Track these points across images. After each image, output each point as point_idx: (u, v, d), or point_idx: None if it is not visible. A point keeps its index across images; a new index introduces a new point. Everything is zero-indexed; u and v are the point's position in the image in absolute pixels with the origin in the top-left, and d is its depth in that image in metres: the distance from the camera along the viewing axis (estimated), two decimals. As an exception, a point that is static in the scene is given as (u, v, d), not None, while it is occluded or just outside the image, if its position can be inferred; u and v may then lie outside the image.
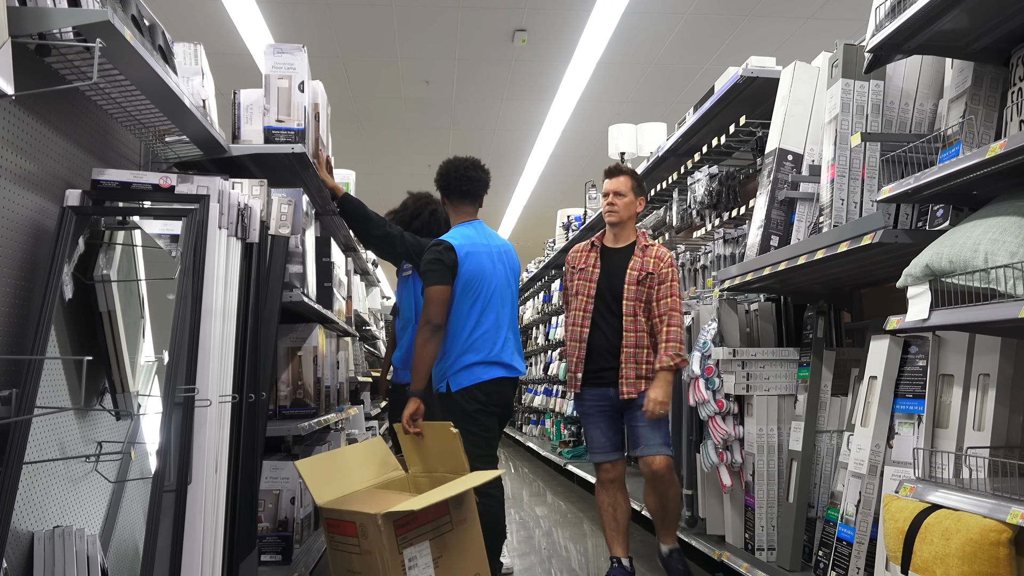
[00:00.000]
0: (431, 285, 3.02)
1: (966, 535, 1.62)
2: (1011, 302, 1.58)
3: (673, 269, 3.22)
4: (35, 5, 1.82)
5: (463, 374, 3.03)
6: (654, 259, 3.24)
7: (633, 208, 3.32)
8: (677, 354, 3.10)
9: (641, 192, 3.35)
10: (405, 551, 2.49)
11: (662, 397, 3.06)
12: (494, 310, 3.11)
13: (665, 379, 3.10)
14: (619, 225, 3.32)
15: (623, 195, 3.29)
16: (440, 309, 3.00)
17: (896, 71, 2.40)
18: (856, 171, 2.30)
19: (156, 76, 2.15)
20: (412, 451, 3.03)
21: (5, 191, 1.92)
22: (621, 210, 3.29)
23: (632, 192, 3.31)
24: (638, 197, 3.34)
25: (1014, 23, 1.98)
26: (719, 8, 6.31)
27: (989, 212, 1.80)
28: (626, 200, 3.29)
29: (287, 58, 3.00)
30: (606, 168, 3.37)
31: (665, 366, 3.09)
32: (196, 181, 2.36)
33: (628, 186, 3.30)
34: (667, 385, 3.10)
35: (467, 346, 3.04)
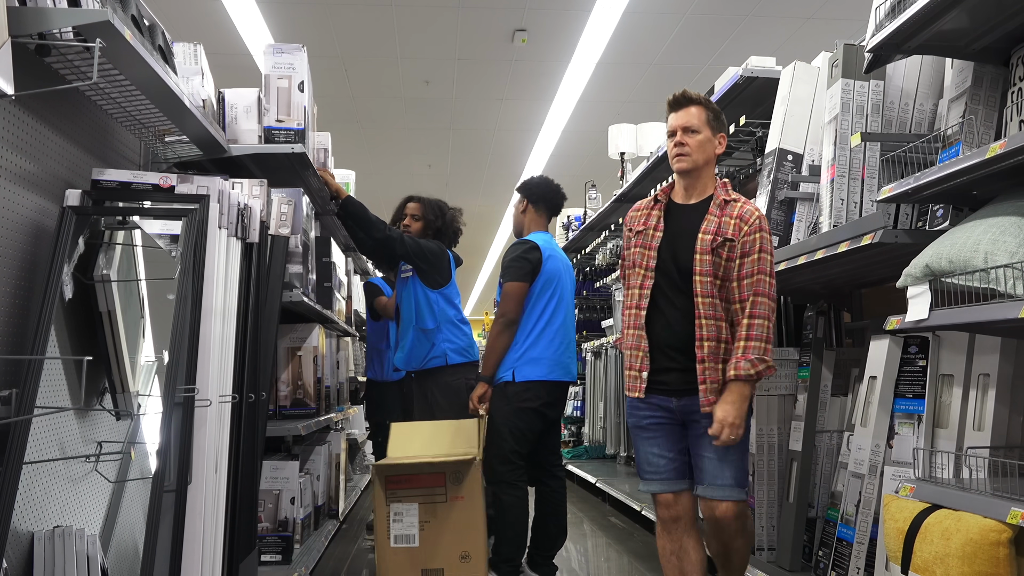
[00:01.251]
0: (511, 281, 3.18)
1: (966, 535, 1.62)
2: (1010, 302, 1.58)
3: (763, 235, 2.31)
4: (35, 5, 1.82)
5: (529, 368, 3.16)
6: (735, 220, 2.33)
7: (711, 149, 2.42)
8: (760, 358, 2.22)
9: (720, 127, 2.45)
10: (392, 504, 2.84)
11: (734, 417, 2.19)
12: (562, 313, 3.28)
13: (740, 393, 2.22)
14: (691, 173, 2.41)
15: (696, 131, 2.39)
16: (516, 305, 3.18)
17: (896, 71, 2.40)
18: (856, 171, 2.30)
19: (156, 76, 2.16)
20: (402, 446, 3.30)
21: (5, 191, 1.93)
22: (694, 151, 2.38)
23: (708, 127, 2.41)
24: (717, 134, 2.43)
25: (1014, 23, 1.98)
26: (719, 8, 6.31)
27: (989, 212, 1.80)
28: (700, 138, 2.39)
29: (287, 58, 3.01)
30: (670, 99, 2.47)
31: (742, 375, 2.21)
32: (196, 181, 2.36)
33: (702, 119, 2.40)
34: (742, 402, 2.22)
35: (537, 342, 3.18)
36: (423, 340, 3.61)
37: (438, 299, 3.64)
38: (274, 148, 2.94)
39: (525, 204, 3.44)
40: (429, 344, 3.58)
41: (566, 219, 7.51)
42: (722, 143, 2.44)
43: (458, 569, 2.91)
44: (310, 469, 3.55)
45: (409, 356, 3.63)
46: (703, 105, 2.42)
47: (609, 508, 5.29)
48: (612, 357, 5.79)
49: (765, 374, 2.25)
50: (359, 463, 6.00)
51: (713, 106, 2.45)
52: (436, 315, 3.60)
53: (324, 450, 3.80)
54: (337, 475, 4.16)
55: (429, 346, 3.58)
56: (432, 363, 3.59)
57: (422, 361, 3.61)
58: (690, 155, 2.38)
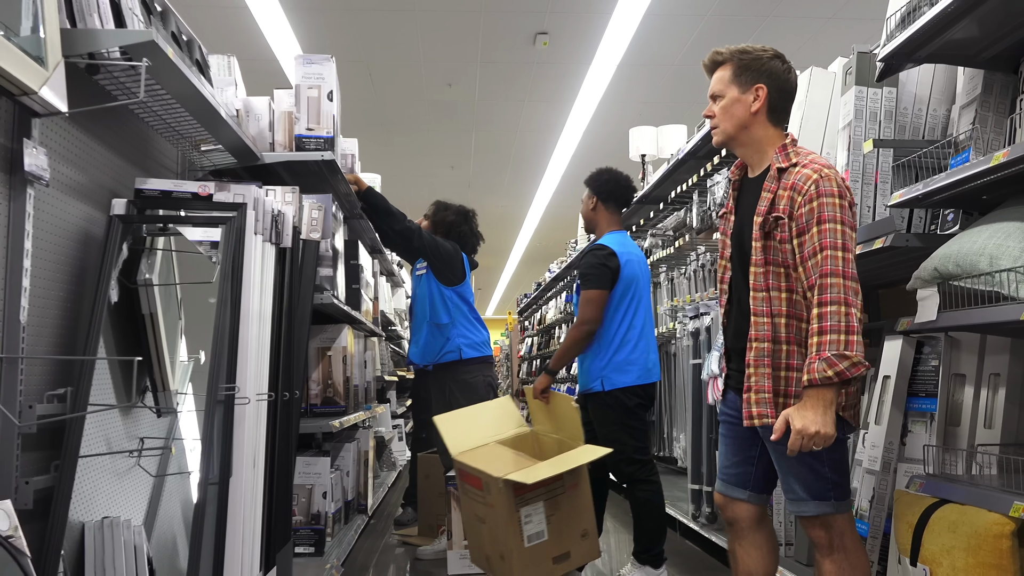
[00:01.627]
0: (592, 288, 3.22)
1: (971, 528, 1.69)
2: (1013, 304, 1.64)
3: (826, 202, 1.89)
4: (84, 27, 1.94)
5: (621, 374, 3.23)
6: (788, 192, 1.95)
7: (742, 110, 2.06)
8: (841, 354, 1.80)
9: (755, 78, 2.05)
10: (522, 509, 2.86)
11: (809, 424, 1.82)
12: (643, 315, 3.32)
13: (818, 399, 1.83)
14: (732, 144, 2.13)
15: (720, 96, 2.10)
16: (599, 312, 3.22)
17: (910, 77, 2.46)
18: (869, 176, 2.36)
19: (195, 90, 2.27)
20: (539, 413, 3.37)
21: (58, 201, 2.05)
22: (720, 120, 2.10)
23: (734, 85, 2.07)
24: (750, 88, 2.05)
25: (1022, 33, 2.04)
26: (739, 9, 6.34)
27: (995, 217, 1.86)
28: (724, 103, 2.09)
29: (316, 68, 3.11)
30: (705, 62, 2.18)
31: (816, 379, 1.82)
32: (233, 189, 2.47)
33: (726, 79, 2.09)
34: (824, 407, 1.82)
35: (621, 348, 3.24)
36: (437, 335, 3.75)
37: (452, 295, 3.77)
38: (305, 156, 3.05)
39: (595, 202, 3.43)
40: (444, 339, 3.72)
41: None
42: (760, 95, 2.03)
43: (580, 547, 3.04)
44: (340, 465, 3.66)
45: (424, 350, 3.77)
46: (728, 61, 2.10)
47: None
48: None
49: (851, 373, 1.80)
50: (386, 460, 6.12)
51: (743, 57, 2.07)
52: (450, 311, 3.73)
53: (353, 447, 3.91)
54: (365, 471, 4.27)
55: (444, 340, 3.72)
56: (447, 357, 3.74)
57: (437, 355, 3.75)
58: (717, 126, 2.12)
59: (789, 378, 1.96)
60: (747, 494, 2.17)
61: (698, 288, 4.43)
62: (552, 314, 10.50)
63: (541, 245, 15.86)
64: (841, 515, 1.95)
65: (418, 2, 6.14)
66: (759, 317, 2.01)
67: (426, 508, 4.32)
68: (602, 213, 3.43)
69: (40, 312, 1.95)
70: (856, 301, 1.86)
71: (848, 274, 1.87)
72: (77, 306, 2.16)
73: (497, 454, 3.07)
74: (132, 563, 2.20)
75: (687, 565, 3.62)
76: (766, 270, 2.00)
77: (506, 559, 2.91)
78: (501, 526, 2.89)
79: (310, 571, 2.90)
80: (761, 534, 2.19)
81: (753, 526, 2.18)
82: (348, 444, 3.85)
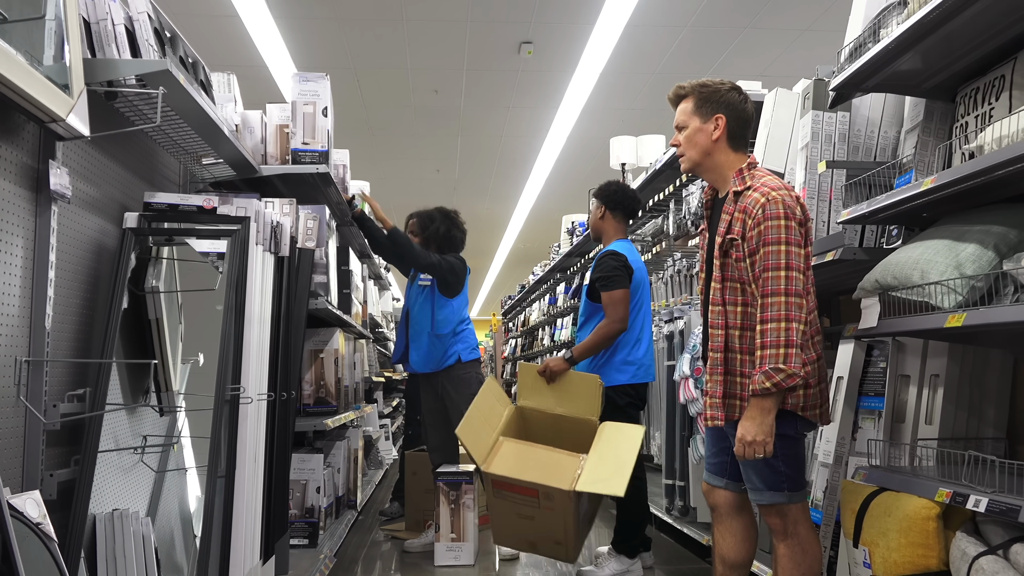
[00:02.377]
0: (617, 289, 3.39)
1: (903, 512, 1.89)
2: (940, 313, 1.85)
3: (771, 225, 2.04)
4: (103, 56, 2.11)
5: (618, 372, 3.43)
6: (742, 214, 2.12)
7: (703, 139, 2.24)
8: (776, 368, 1.97)
9: (714, 109, 2.23)
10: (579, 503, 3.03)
11: (753, 435, 2.01)
12: (643, 316, 3.52)
13: (758, 409, 2.02)
14: (698, 170, 2.31)
15: (683, 127, 2.28)
16: (626, 311, 3.39)
17: (863, 102, 2.66)
18: (824, 193, 2.56)
19: (203, 112, 2.44)
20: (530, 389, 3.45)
21: (75, 215, 2.21)
22: (685, 149, 2.28)
23: (696, 116, 2.25)
24: (710, 117, 2.23)
25: (960, 65, 2.25)
26: (718, 21, 6.54)
27: (928, 235, 2.07)
28: (687, 133, 2.27)
29: (312, 86, 3.28)
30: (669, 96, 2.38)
31: (757, 390, 2.00)
32: (235, 203, 2.64)
33: (688, 111, 2.27)
34: (762, 415, 2.01)
35: (624, 347, 3.44)
36: (438, 344, 3.94)
37: (451, 305, 3.96)
38: (301, 169, 3.22)
39: (603, 211, 3.63)
40: (444, 348, 3.92)
41: (571, 224, 7.76)
42: (720, 124, 2.21)
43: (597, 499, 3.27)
44: (331, 462, 3.83)
45: (426, 360, 3.96)
46: (690, 94, 2.29)
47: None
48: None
49: (787, 384, 1.97)
50: (374, 458, 6.29)
51: (702, 90, 2.27)
52: (451, 321, 3.94)
53: (344, 445, 4.09)
54: (355, 469, 4.45)
55: (444, 348, 3.93)
56: (446, 363, 3.95)
57: (438, 363, 3.95)
58: (684, 154, 2.30)
59: (743, 383, 2.14)
60: (725, 482, 2.33)
61: (673, 293, 4.63)
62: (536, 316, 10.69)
63: (525, 247, 16.04)
64: (794, 504, 2.14)
65: (406, 12, 6.30)
66: (715, 329, 2.20)
67: (413, 504, 4.50)
68: (610, 222, 3.62)
69: (60, 318, 2.11)
70: (798, 315, 2.00)
71: (790, 291, 2.01)
72: (91, 312, 2.33)
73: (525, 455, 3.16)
74: (141, 552, 2.36)
75: (661, 555, 3.82)
76: (723, 286, 2.17)
77: (563, 543, 3.10)
78: (558, 522, 3.04)
79: (305, 562, 3.07)
80: (739, 521, 2.33)
81: (732, 512, 2.33)
82: (339, 442, 4.02)
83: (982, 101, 2.09)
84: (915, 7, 1.96)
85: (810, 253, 2.14)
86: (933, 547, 1.84)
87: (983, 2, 1.84)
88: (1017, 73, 1.96)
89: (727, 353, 2.17)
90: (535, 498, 3.05)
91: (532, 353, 10.60)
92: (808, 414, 2.14)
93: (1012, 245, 1.82)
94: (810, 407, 2.14)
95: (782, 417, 2.06)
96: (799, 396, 2.10)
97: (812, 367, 2.10)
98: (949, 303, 1.86)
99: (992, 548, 1.70)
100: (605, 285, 3.40)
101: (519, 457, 3.13)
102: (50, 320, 1.99)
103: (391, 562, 3.91)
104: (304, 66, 7.32)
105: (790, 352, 1.98)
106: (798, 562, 2.13)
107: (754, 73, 7.56)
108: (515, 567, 3.79)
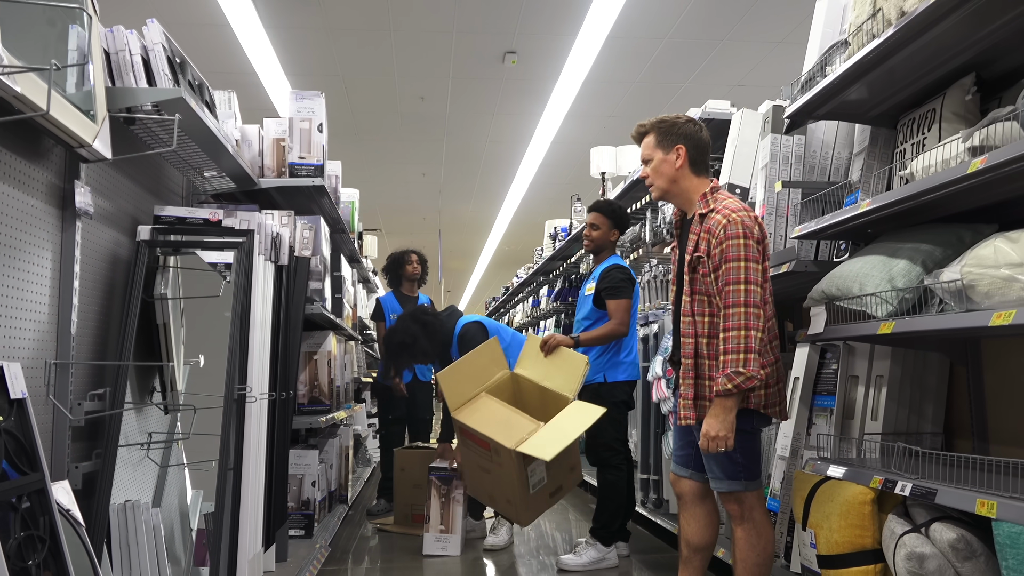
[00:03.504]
0: (623, 298, 3.71)
1: (843, 498, 2.13)
2: (874, 321, 2.09)
3: (732, 244, 2.29)
4: (122, 84, 2.31)
5: (616, 370, 3.75)
6: (706, 234, 2.38)
7: (668, 168, 2.49)
8: (736, 371, 2.22)
9: (674, 141, 2.49)
10: (527, 467, 3.33)
11: (716, 431, 2.26)
12: (635, 324, 3.87)
13: (721, 407, 2.27)
14: (667, 197, 2.57)
15: (649, 159, 2.55)
16: (629, 317, 3.71)
17: (819, 125, 2.90)
18: (782, 210, 2.80)
19: (209, 132, 2.64)
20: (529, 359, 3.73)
21: (95, 229, 2.41)
22: (654, 178, 2.54)
23: (658, 149, 2.51)
24: (672, 149, 2.49)
25: (901, 96, 2.49)
26: (697, 33, 6.77)
27: (868, 251, 2.31)
28: (654, 164, 2.53)
29: (308, 103, 3.48)
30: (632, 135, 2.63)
31: (720, 391, 2.25)
32: (239, 215, 2.84)
33: (651, 144, 2.53)
34: (723, 413, 2.26)
35: (620, 350, 3.77)
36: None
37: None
38: (298, 181, 3.43)
39: (613, 231, 3.96)
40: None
41: (553, 229, 7.97)
42: (681, 153, 2.47)
43: (569, 478, 3.57)
44: (324, 458, 4.03)
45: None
46: (649, 131, 2.55)
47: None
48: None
49: (747, 385, 2.22)
50: (362, 456, 6.48)
51: (661, 125, 2.53)
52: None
53: (336, 442, 4.29)
54: (346, 465, 4.65)
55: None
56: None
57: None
58: (653, 183, 2.55)
59: (709, 386, 2.38)
60: (690, 472, 2.57)
61: (649, 298, 4.86)
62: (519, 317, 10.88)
63: (510, 248, 16.25)
64: (751, 492, 2.38)
65: (394, 23, 6.50)
66: (685, 338, 2.44)
67: (402, 498, 4.70)
68: (615, 239, 3.99)
69: (81, 323, 2.30)
70: (756, 324, 2.25)
71: (749, 302, 2.26)
72: (107, 318, 2.52)
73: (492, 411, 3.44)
74: (152, 541, 2.56)
75: (636, 545, 4.05)
76: (692, 299, 2.42)
77: (513, 503, 3.38)
78: (508, 480, 3.32)
79: (302, 550, 3.27)
80: (702, 508, 2.56)
81: (696, 500, 2.56)
82: (331, 440, 4.22)
83: (917, 131, 2.34)
84: (855, 48, 2.20)
85: (768, 267, 2.39)
86: (868, 528, 2.08)
87: (912, 47, 2.07)
88: (945, 107, 2.20)
89: (696, 359, 2.41)
90: (488, 451, 3.34)
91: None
92: (768, 411, 2.39)
93: (937, 261, 2.06)
94: (770, 405, 2.39)
95: (740, 414, 2.30)
96: (760, 395, 2.35)
97: (771, 368, 2.35)
98: (882, 312, 2.10)
99: (916, 527, 1.93)
100: (612, 294, 3.71)
101: (487, 413, 3.42)
102: (75, 326, 2.19)
103: (378, 553, 4.12)
104: (294, 73, 7.49)
105: (749, 357, 2.22)
106: (753, 544, 2.38)
107: (731, 82, 7.83)
108: (500, 556, 4.01)
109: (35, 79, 1.71)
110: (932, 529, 1.87)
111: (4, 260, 1.90)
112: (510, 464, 3.26)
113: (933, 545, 1.84)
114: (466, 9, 6.26)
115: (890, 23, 2.02)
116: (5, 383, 1.58)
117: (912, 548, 1.86)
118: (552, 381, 3.57)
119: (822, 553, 2.21)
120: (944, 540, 1.81)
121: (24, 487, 1.57)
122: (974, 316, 1.71)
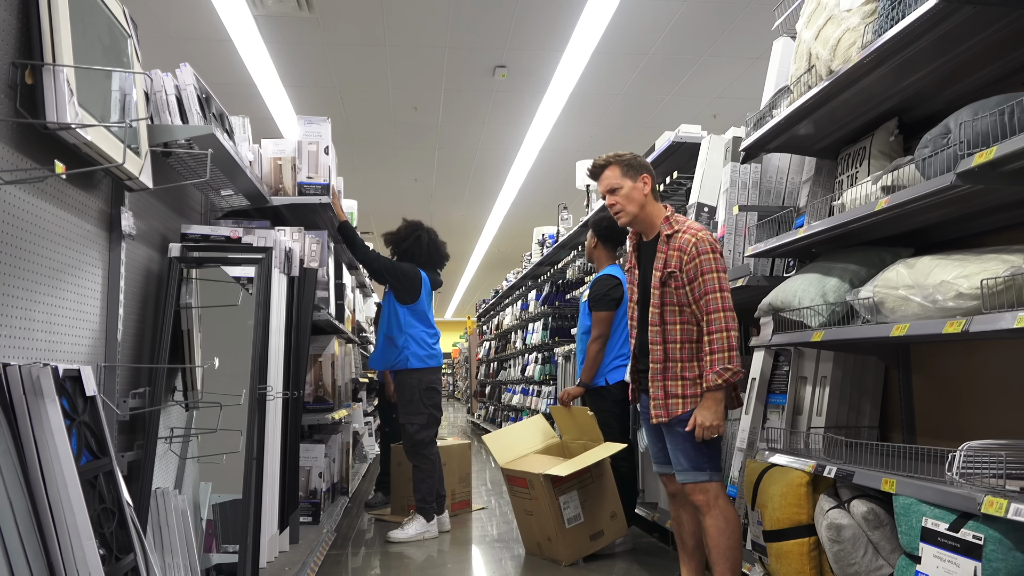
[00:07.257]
0: (603, 310, 4.11)
1: (783, 480, 2.49)
2: (810, 330, 2.44)
3: (704, 258, 2.64)
4: (160, 122, 2.64)
5: (616, 372, 4.14)
6: (676, 252, 2.70)
7: (638, 194, 2.80)
8: (725, 367, 2.58)
9: (639, 170, 2.82)
10: (560, 498, 3.71)
11: (709, 420, 2.60)
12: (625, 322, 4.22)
13: (712, 399, 2.61)
14: (634, 222, 2.85)
15: (618, 188, 2.82)
16: (607, 328, 4.12)
17: (774, 154, 3.26)
18: (740, 230, 3.15)
19: (232, 158, 2.97)
20: (565, 425, 4.22)
21: (134, 248, 2.73)
22: (625, 205, 2.81)
23: (626, 178, 2.81)
24: (638, 178, 2.81)
25: (842, 132, 2.84)
26: (679, 49, 7.11)
27: (808, 268, 2.67)
28: (624, 192, 2.80)
29: (315, 128, 3.81)
30: (588, 169, 2.94)
31: (711, 386, 2.60)
32: (256, 232, 3.17)
33: (617, 174, 2.82)
34: (715, 404, 2.61)
35: (619, 354, 4.14)
36: (390, 346, 4.49)
37: (406, 313, 4.49)
38: (306, 200, 3.76)
39: (596, 241, 4.33)
40: (396, 350, 4.46)
41: (541, 236, 8.30)
42: (647, 183, 2.80)
43: (611, 526, 3.91)
44: (328, 453, 4.36)
45: (380, 358, 4.56)
46: (613, 163, 2.82)
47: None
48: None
49: (734, 379, 2.60)
50: (359, 453, 6.81)
51: (624, 158, 2.82)
52: (402, 327, 4.47)
53: (338, 438, 4.62)
54: (347, 459, 4.98)
55: (396, 351, 4.47)
56: (398, 365, 4.48)
57: (390, 364, 4.50)
58: (623, 209, 2.81)
59: (684, 386, 2.71)
60: (669, 468, 2.86)
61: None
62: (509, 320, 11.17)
63: (499, 251, 16.57)
64: (715, 482, 2.71)
65: (388, 38, 6.81)
66: (655, 346, 2.75)
67: (398, 491, 5.04)
68: (600, 250, 4.35)
69: (123, 331, 2.63)
70: (734, 325, 2.62)
71: (726, 307, 2.63)
72: (143, 325, 2.85)
73: (537, 460, 3.91)
74: (183, 525, 2.88)
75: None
76: (662, 310, 2.73)
77: (553, 540, 3.72)
78: (545, 514, 3.68)
79: (311, 534, 3.61)
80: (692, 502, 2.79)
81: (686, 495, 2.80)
82: (334, 435, 4.55)
83: (851, 164, 2.69)
84: (796, 95, 2.55)
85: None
86: (804, 506, 2.44)
87: (843, 96, 2.43)
88: (874, 146, 2.56)
89: (667, 363, 2.73)
90: (527, 489, 3.70)
91: (506, 355, 11.09)
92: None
93: (862, 280, 2.42)
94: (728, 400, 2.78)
95: None
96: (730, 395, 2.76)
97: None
98: (815, 323, 2.45)
99: (840, 503, 2.29)
100: (594, 305, 4.13)
101: (528, 461, 3.88)
102: (121, 334, 2.52)
103: (376, 540, 4.46)
104: (292, 85, 7.81)
105: (733, 355, 2.60)
106: (722, 529, 2.66)
107: (711, 95, 8.19)
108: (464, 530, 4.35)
109: (103, 130, 2.04)
110: (852, 505, 2.22)
111: (68, 278, 2.23)
112: (543, 496, 3.65)
113: (851, 517, 2.19)
114: (458, 25, 6.58)
115: (821, 78, 2.37)
116: (82, 383, 1.91)
117: (832, 520, 2.21)
118: (585, 436, 4.08)
119: (767, 529, 2.56)
120: (858, 513, 2.16)
121: (99, 468, 1.90)
122: (881, 328, 2.07)
